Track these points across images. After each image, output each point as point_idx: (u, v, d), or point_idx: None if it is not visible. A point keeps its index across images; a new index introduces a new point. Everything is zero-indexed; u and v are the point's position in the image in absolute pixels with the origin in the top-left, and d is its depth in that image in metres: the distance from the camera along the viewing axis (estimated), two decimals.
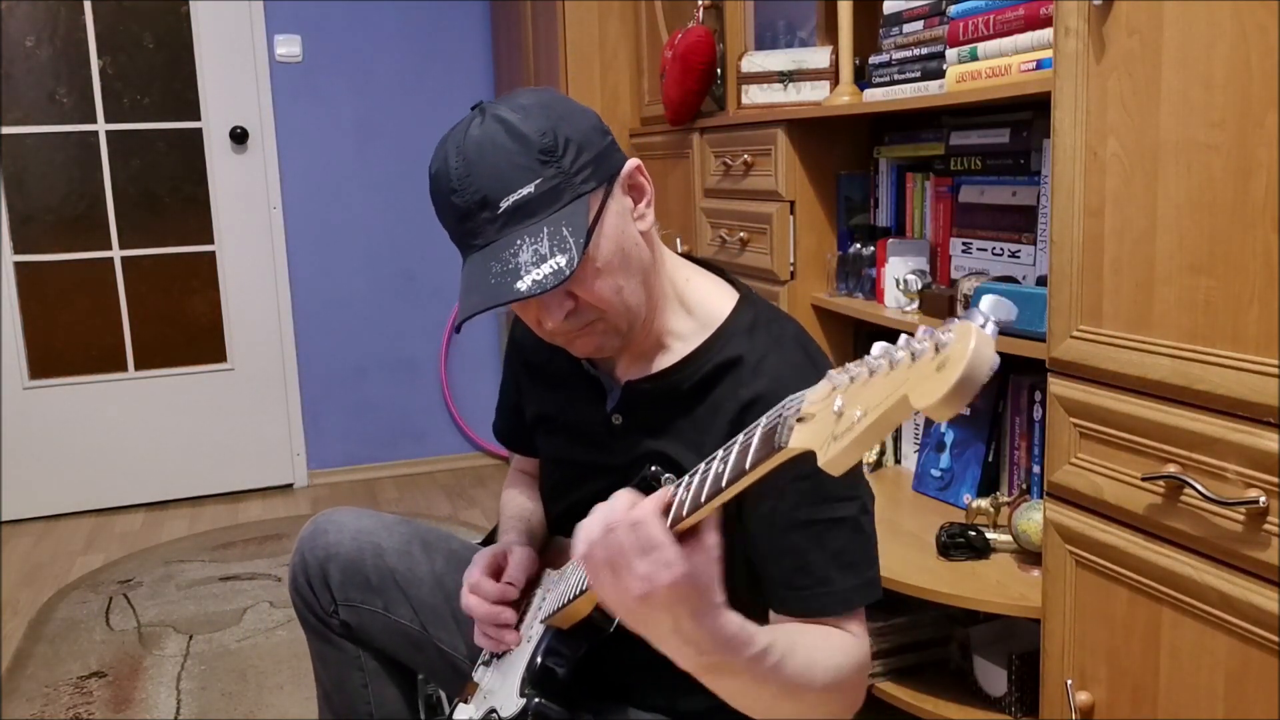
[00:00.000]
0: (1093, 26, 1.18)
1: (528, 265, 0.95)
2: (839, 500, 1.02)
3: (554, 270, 0.94)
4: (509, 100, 1.02)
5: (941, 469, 1.92)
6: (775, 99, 2.21)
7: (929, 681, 1.66)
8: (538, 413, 1.26)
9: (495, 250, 0.98)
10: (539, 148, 0.97)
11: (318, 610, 1.32)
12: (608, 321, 1.04)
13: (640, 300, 1.05)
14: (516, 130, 0.98)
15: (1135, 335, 1.16)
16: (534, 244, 0.96)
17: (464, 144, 0.99)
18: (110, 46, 3.30)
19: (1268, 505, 1.02)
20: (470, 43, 3.63)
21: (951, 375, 0.54)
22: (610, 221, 1.01)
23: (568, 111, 1.02)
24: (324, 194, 3.55)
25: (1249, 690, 1.06)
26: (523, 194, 0.97)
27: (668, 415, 1.09)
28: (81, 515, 3.41)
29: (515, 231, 0.97)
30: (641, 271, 1.05)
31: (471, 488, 3.59)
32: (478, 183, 0.98)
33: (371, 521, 1.34)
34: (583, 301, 1.02)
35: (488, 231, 0.99)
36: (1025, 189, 1.75)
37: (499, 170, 0.97)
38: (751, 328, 1.09)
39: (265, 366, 3.57)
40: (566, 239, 0.96)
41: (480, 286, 0.97)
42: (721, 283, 1.16)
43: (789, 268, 2.15)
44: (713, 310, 1.11)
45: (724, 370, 1.07)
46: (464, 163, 0.98)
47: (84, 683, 2.28)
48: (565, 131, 0.99)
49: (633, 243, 1.04)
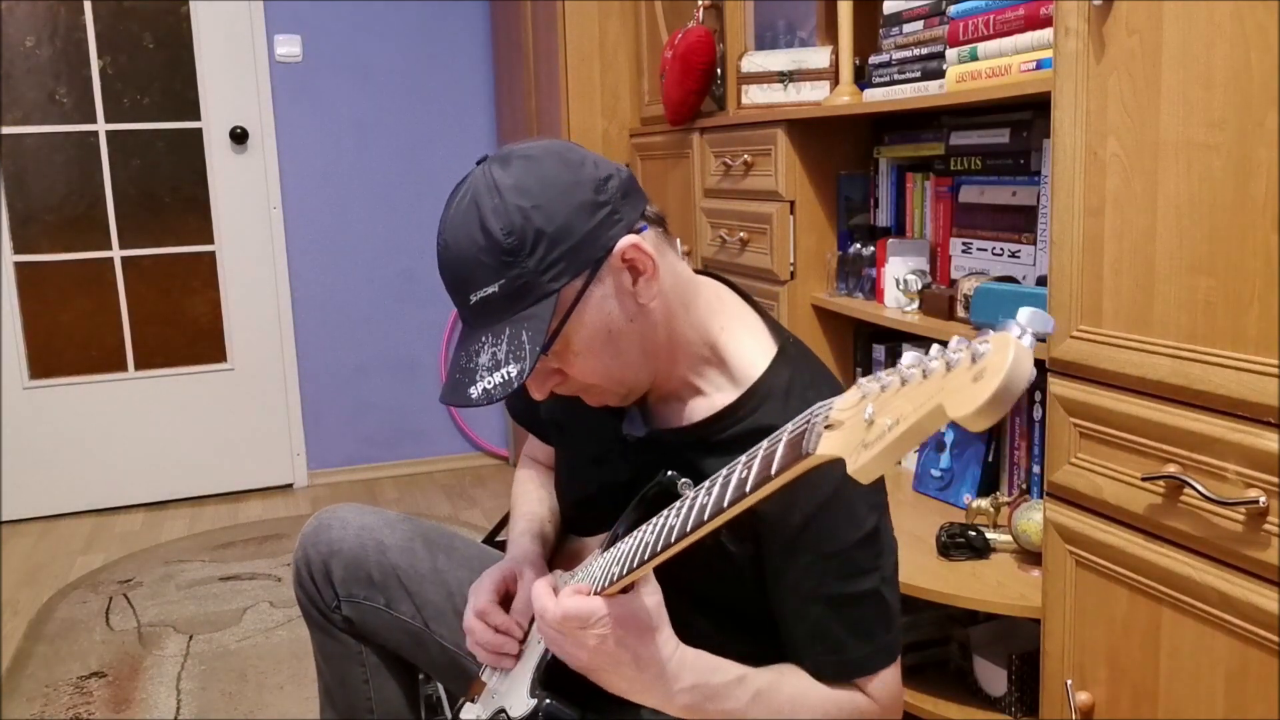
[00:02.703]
0: (1093, 26, 1.18)
1: (483, 370, 0.96)
2: (864, 574, 1.02)
3: (503, 380, 0.94)
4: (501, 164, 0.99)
5: (941, 469, 1.92)
6: (775, 99, 2.21)
7: (929, 681, 1.66)
8: (552, 418, 1.26)
9: (466, 341, 1.00)
10: (503, 248, 0.94)
11: (320, 605, 1.33)
12: (603, 389, 1.04)
13: (637, 368, 1.04)
14: (486, 224, 0.95)
15: (1135, 335, 1.16)
16: (493, 347, 0.96)
17: (447, 223, 0.99)
18: (110, 46, 3.30)
19: (1268, 505, 1.02)
20: (470, 43, 3.63)
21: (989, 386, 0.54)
22: (592, 307, 0.98)
23: (555, 192, 0.96)
24: (324, 194, 3.55)
25: (1249, 690, 1.06)
26: (487, 292, 0.96)
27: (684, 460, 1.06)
28: (81, 515, 3.41)
29: (482, 329, 0.98)
30: (638, 344, 1.02)
31: (471, 488, 3.59)
32: (451, 271, 0.98)
33: (374, 518, 1.34)
34: (570, 377, 1.02)
35: (466, 316, 1.00)
36: (1025, 189, 1.75)
37: (467, 264, 0.97)
38: (787, 394, 1.05)
39: (265, 366, 3.57)
40: (523, 345, 0.94)
41: (450, 376, 1.00)
42: (761, 330, 1.10)
43: (789, 268, 2.15)
44: (747, 366, 1.07)
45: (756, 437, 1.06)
46: (444, 245, 0.99)
47: (84, 683, 2.28)
48: (538, 222, 0.95)
49: (624, 321, 1.00)
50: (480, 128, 3.68)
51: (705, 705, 0.95)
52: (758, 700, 0.97)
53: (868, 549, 1.02)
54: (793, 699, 0.99)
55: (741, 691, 0.96)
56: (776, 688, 0.98)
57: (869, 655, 1.03)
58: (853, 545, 1.01)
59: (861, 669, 1.03)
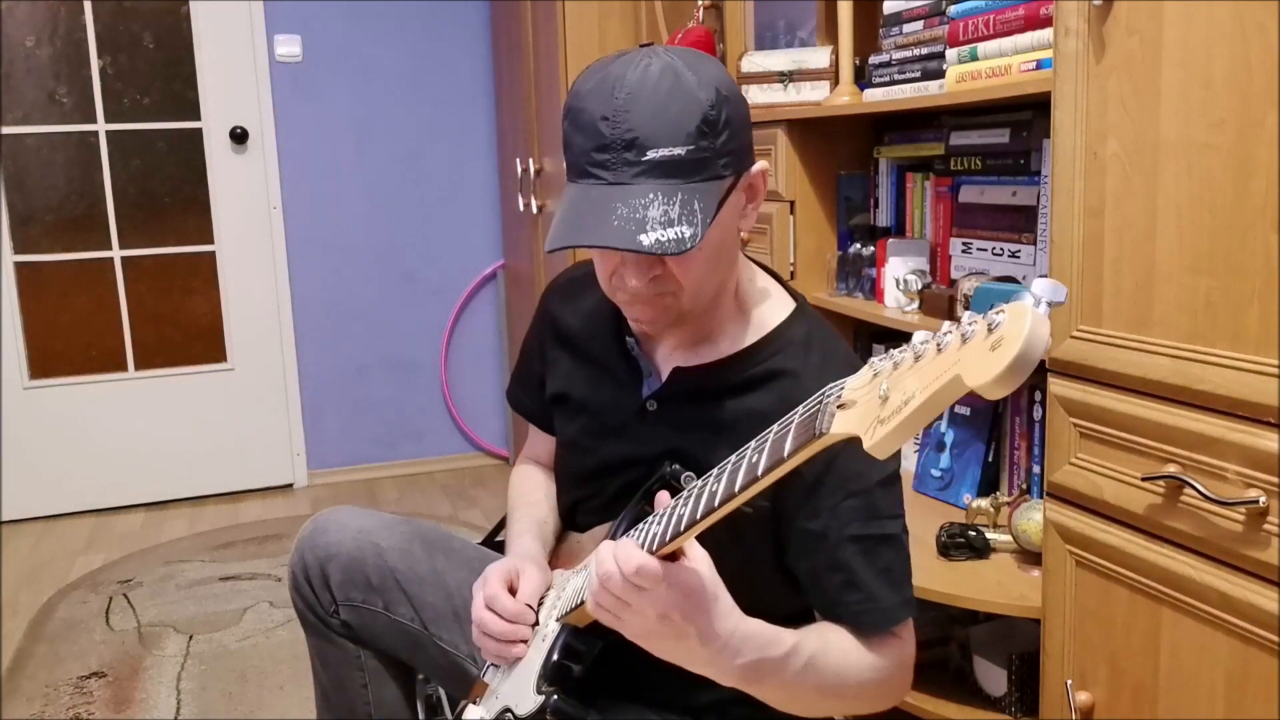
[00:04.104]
0: (1093, 26, 1.18)
1: (655, 222, 0.94)
2: (889, 518, 1.05)
3: (677, 238, 0.94)
4: (684, 55, 1.01)
5: (941, 469, 1.92)
6: (775, 99, 2.21)
7: (929, 681, 1.66)
8: (560, 390, 1.25)
9: (625, 194, 0.96)
10: (704, 117, 0.96)
11: (318, 610, 1.32)
12: (678, 299, 1.04)
13: (713, 293, 1.07)
14: (690, 91, 0.97)
15: (1135, 335, 1.16)
16: (665, 205, 0.95)
17: (634, 78, 0.97)
18: (110, 46, 3.30)
19: (1268, 505, 1.02)
20: (470, 43, 3.63)
21: (1008, 353, 0.55)
22: (726, 212, 1.02)
23: (735, 95, 1.01)
24: (324, 194, 3.55)
25: (1249, 690, 1.06)
26: (673, 153, 0.96)
27: (704, 410, 1.10)
28: (81, 515, 3.40)
29: (652, 184, 0.96)
30: (728, 265, 1.07)
31: (471, 488, 3.59)
32: (635, 122, 0.96)
33: (372, 521, 1.33)
34: (668, 273, 1.02)
35: (623, 171, 0.97)
36: (1025, 189, 1.75)
37: (661, 120, 0.96)
38: (806, 344, 1.09)
39: (265, 366, 3.57)
40: (696, 213, 0.95)
41: (596, 223, 0.96)
42: (780, 289, 1.16)
43: (789, 268, 2.15)
44: (767, 314, 1.12)
45: (775, 378, 1.08)
46: (629, 97, 0.96)
47: (84, 683, 2.28)
48: (728, 112, 0.99)
49: (733, 238, 1.06)
50: (480, 128, 3.68)
51: (762, 679, 0.95)
52: (809, 668, 0.97)
53: (891, 491, 1.05)
54: (839, 663, 1.00)
55: (795, 660, 0.96)
56: (824, 652, 0.99)
57: (898, 606, 1.04)
58: (876, 484, 1.03)
59: (893, 619, 1.04)
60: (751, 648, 0.92)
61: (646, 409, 1.14)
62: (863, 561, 1.03)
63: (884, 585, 1.03)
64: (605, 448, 1.18)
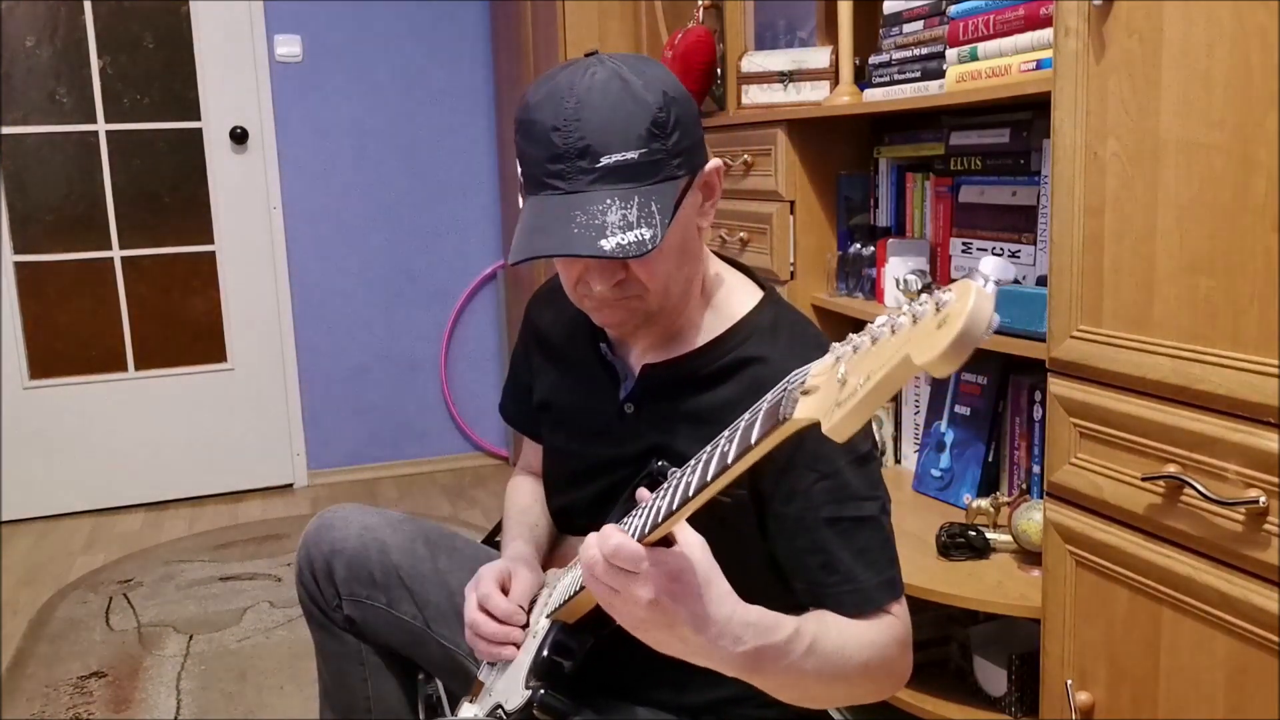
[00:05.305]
0: (1093, 26, 1.18)
1: (614, 227, 0.95)
2: (862, 499, 1.05)
3: (638, 241, 0.95)
4: (628, 60, 1.02)
5: (941, 469, 1.92)
6: (775, 99, 2.21)
7: (929, 681, 1.66)
8: (544, 398, 1.26)
9: (582, 201, 0.97)
10: (653, 120, 0.98)
11: (322, 604, 1.33)
12: (645, 301, 1.05)
13: (680, 291, 1.08)
14: (638, 95, 0.98)
15: (1135, 335, 1.16)
16: (624, 209, 0.96)
17: (582, 87, 0.98)
18: (110, 46, 3.30)
19: (1268, 505, 1.02)
20: (470, 43, 3.63)
21: (951, 330, 0.55)
22: (685, 211, 1.03)
23: (681, 95, 1.02)
24: (324, 194, 3.55)
25: (1249, 690, 1.06)
26: (626, 157, 0.97)
27: (680, 405, 1.10)
28: (81, 515, 3.40)
29: (608, 190, 0.97)
30: (692, 261, 1.08)
31: (471, 488, 3.59)
32: (586, 130, 0.97)
33: (377, 518, 1.35)
34: (633, 276, 1.03)
35: (578, 180, 0.98)
36: (1025, 189, 1.75)
37: (612, 126, 0.97)
38: (774, 328, 1.11)
39: (265, 366, 3.57)
40: (654, 214, 0.97)
41: (556, 231, 0.97)
42: (746, 280, 1.17)
43: (789, 268, 2.15)
44: (734, 305, 1.13)
45: (744, 365, 1.08)
46: (578, 105, 0.97)
47: (84, 683, 2.28)
48: (677, 112, 1.00)
49: (694, 236, 1.07)
50: (480, 128, 3.68)
51: (765, 667, 0.93)
52: (811, 652, 0.95)
53: (863, 472, 1.05)
54: (839, 644, 0.99)
55: (798, 645, 0.94)
56: (824, 635, 0.98)
57: (880, 586, 1.04)
58: (846, 465, 1.03)
59: (874, 600, 1.04)
60: (752, 634, 0.90)
61: (624, 411, 1.14)
62: (839, 543, 1.03)
63: (862, 566, 1.03)
64: (589, 452, 1.18)
